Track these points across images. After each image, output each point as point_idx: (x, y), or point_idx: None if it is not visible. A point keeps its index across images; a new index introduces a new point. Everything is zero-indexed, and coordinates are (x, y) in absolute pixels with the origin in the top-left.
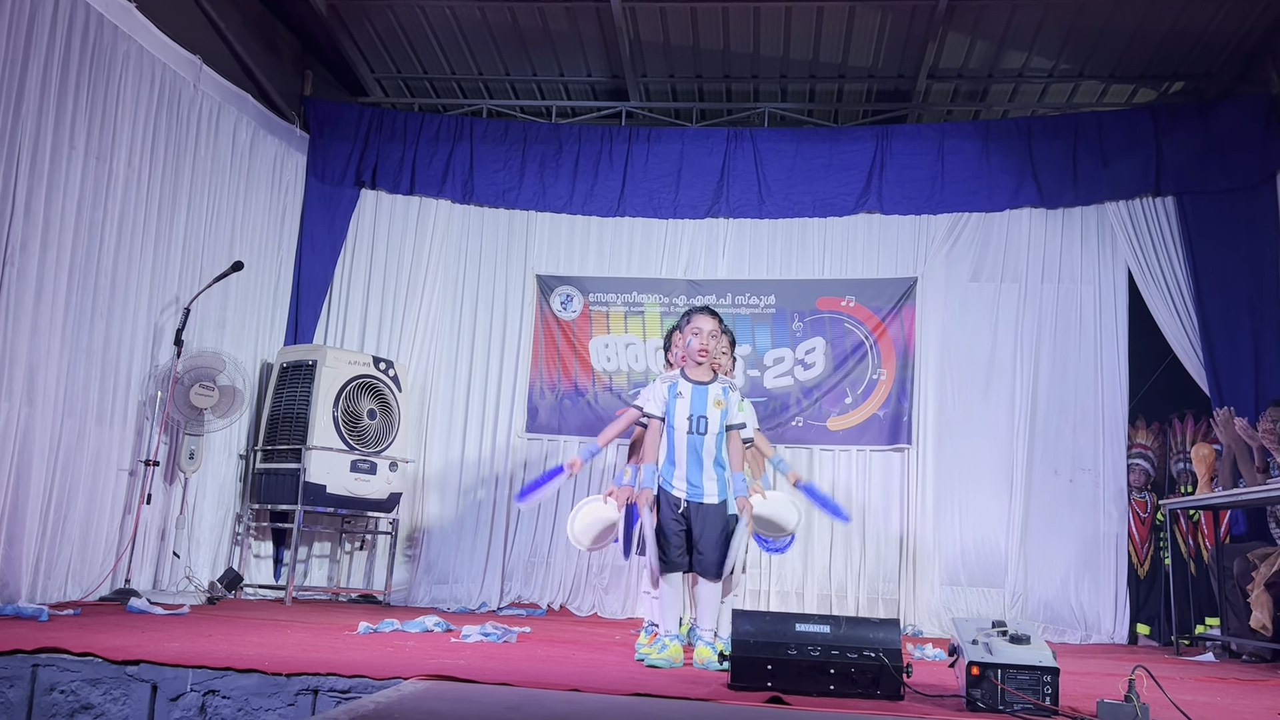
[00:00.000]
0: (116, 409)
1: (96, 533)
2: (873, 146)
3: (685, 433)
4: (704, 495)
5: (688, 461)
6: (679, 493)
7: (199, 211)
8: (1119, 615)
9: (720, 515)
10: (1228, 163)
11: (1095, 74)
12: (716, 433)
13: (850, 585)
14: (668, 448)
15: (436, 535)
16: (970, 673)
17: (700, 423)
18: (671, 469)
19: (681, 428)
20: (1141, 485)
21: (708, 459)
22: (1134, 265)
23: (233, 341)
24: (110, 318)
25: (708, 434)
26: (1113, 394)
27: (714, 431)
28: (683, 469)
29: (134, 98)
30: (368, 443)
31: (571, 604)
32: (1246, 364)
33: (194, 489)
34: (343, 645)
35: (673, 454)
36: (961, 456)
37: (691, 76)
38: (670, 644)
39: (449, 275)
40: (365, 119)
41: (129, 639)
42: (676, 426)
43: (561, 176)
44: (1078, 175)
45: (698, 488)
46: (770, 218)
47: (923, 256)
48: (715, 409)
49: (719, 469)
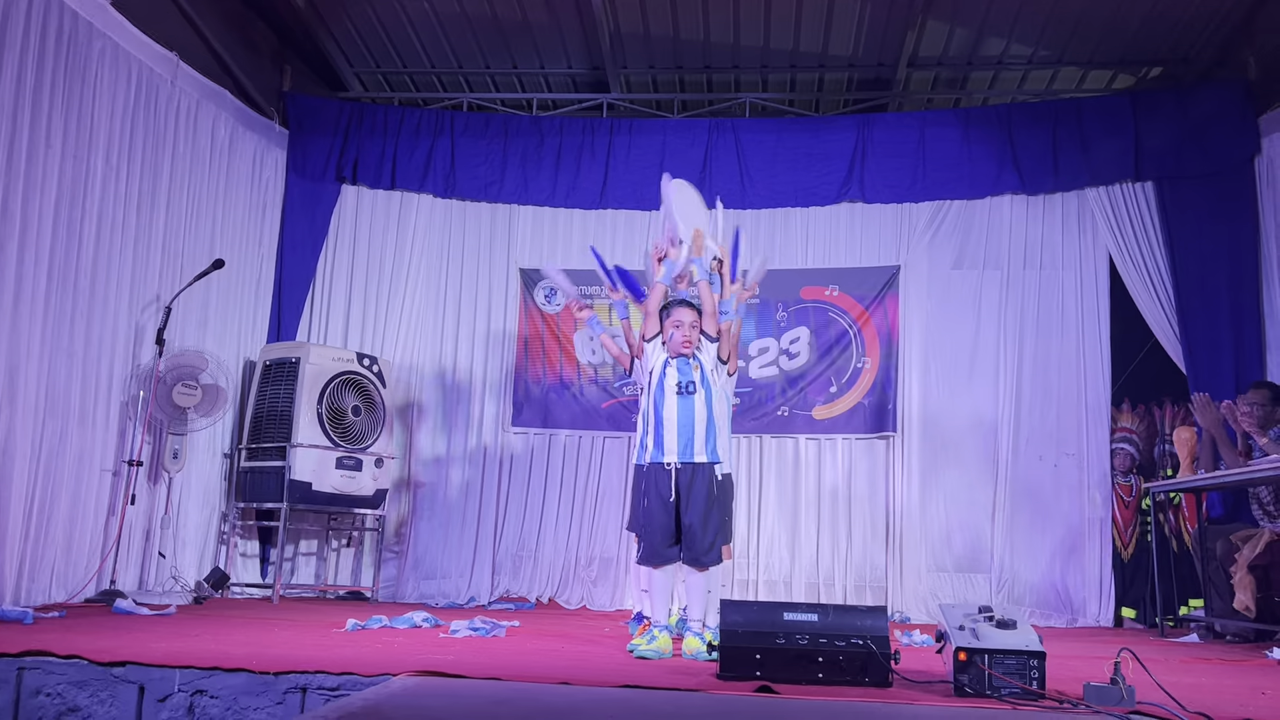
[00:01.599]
0: (99, 409)
1: (81, 534)
2: (854, 135)
3: (675, 394)
4: (694, 453)
5: (679, 421)
6: (669, 456)
7: (179, 209)
8: (1104, 599)
9: (708, 483)
10: (1206, 147)
11: (1074, 60)
12: (704, 396)
13: (838, 573)
14: (655, 413)
15: (423, 531)
16: (957, 658)
17: (689, 385)
18: (661, 434)
19: (671, 390)
20: (1126, 469)
21: (699, 418)
22: (1114, 250)
23: (215, 340)
24: (90, 317)
25: (696, 394)
26: (1095, 379)
27: (701, 391)
28: (673, 429)
29: (110, 95)
30: (352, 439)
31: (560, 597)
32: (1226, 347)
33: (178, 489)
34: (331, 643)
35: (660, 417)
36: (946, 443)
37: (672, 67)
38: (660, 635)
39: (432, 270)
40: (345, 114)
41: (115, 640)
42: (666, 391)
43: (543, 169)
44: (1058, 161)
45: (689, 447)
46: (753, 208)
47: (905, 245)
48: (695, 372)
49: (709, 426)
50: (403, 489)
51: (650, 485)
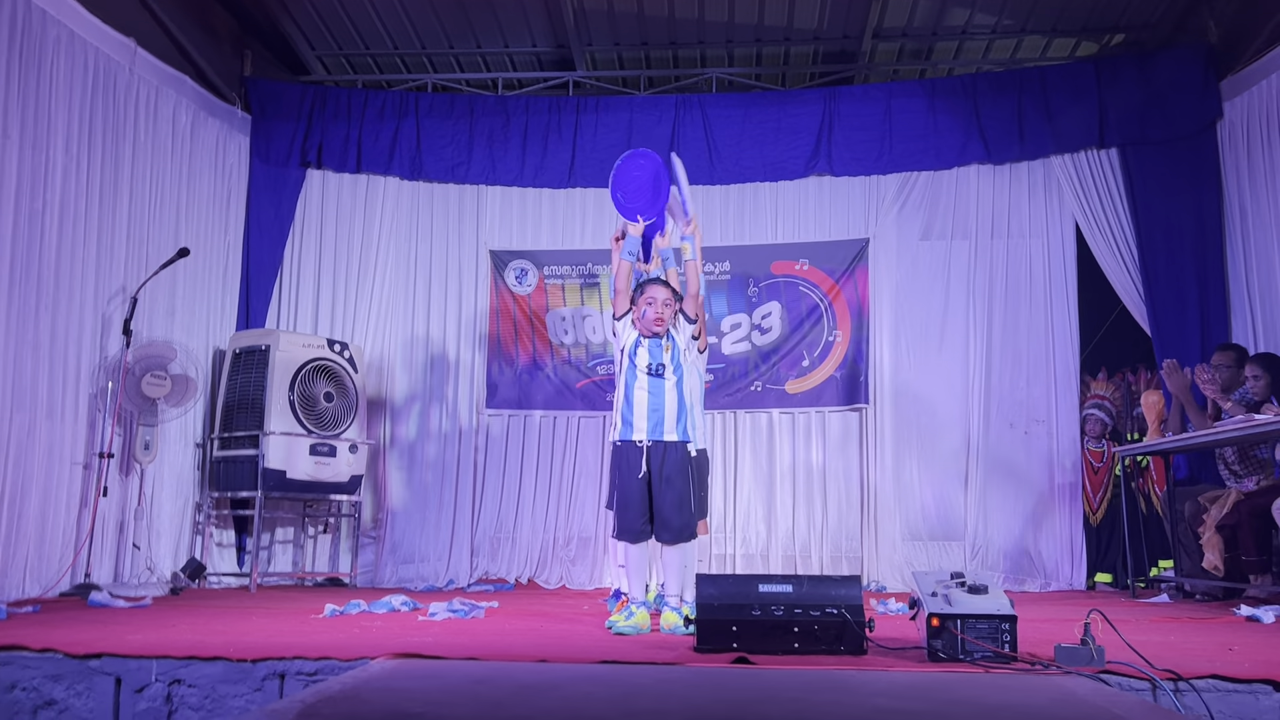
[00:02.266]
0: (67, 402)
1: (53, 528)
2: (821, 109)
3: (646, 374)
4: (664, 433)
5: (649, 402)
6: (640, 435)
7: (141, 198)
8: (1076, 563)
9: (682, 461)
10: (1168, 113)
11: (1038, 29)
12: (674, 376)
13: (813, 545)
14: (626, 393)
15: (400, 515)
16: (930, 624)
17: (659, 368)
18: (630, 414)
19: (642, 370)
20: (1098, 434)
21: (669, 399)
22: (1080, 218)
23: (183, 329)
24: (56, 309)
25: (665, 377)
26: (1064, 346)
27: (671, 375)
28: (643, 409)
29: (68, 83)
30: (326, 425)
31: (539, 577)
32: (1192, 311)
33: (151, 480)
34: (309, 629)
35: (631, 397)
36: (918, 413)
37: (638, 44)
38: (637, 611)
39: (401, 253)
40: (308, 98)
41: (90, 633)
42: (637, 369)
43: (511, 149)
44: (1023, 130)
45: (659, 426)
46: (721, 183)
47: (874, 217)
48: (666, 354)
49: (680, 407)
50: (378, 474)
51: (624, 463)
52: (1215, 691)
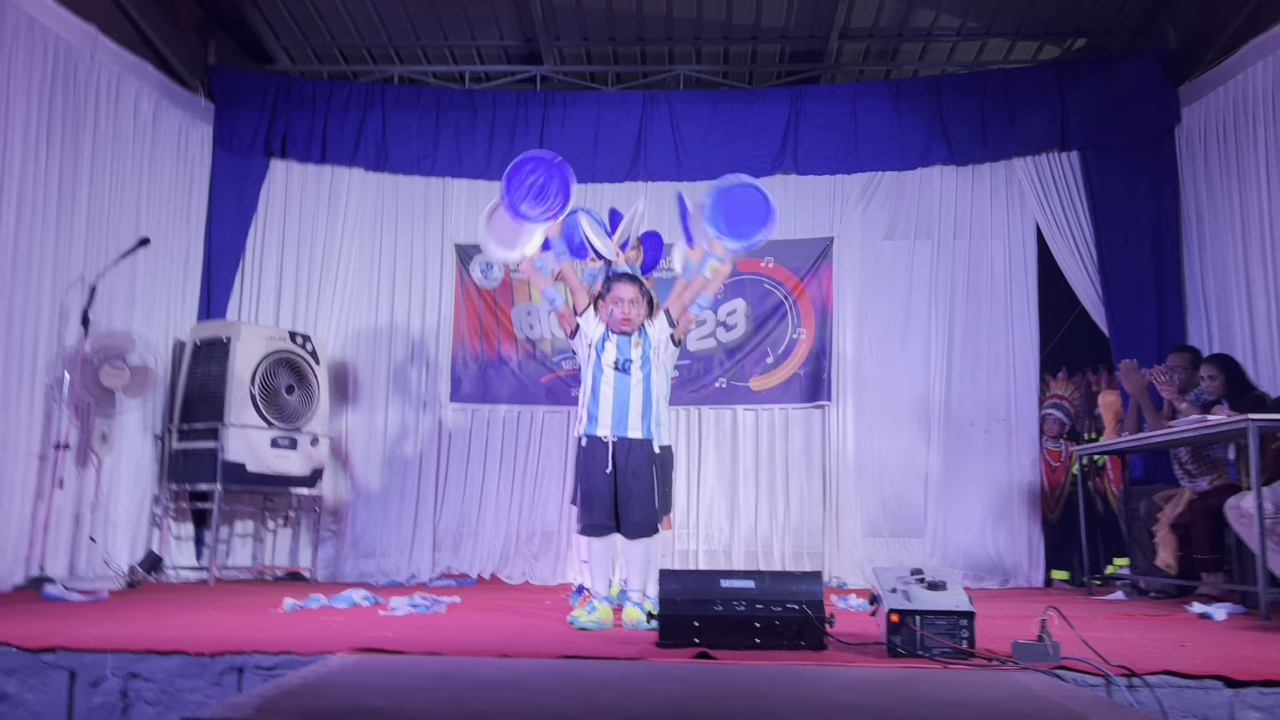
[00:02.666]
0: (23, 392)
1: (6, 520)
2: (787, 107)
3: (612, 369)
4: (628, 429)
5: (614, 399)
6: (604, 430)
7: (102, 186)
8: (1034, 560)
9: (646, 459)
10: (1128, 117)
11: (1001, 31)
12: (641, 373)
13: (775, 541)
14: (592, 388)
15: (362, 509)
16: (890, 620)
17: (625, 364)
18: (595, 409)
19: (608, 365)
20: (1056, 434)
21: (635, 396)
22: (1041, 219)
23: (143, 319)
24: (12, 298)
25: (631, 374)
26: (1024, 346)
27: (638, 372)
28: (609, 405)
29: (27, 70)
30: (287, 418)
31: (502, 572)
32: (1149, 312)
33: (108, 471)
34: (268, 623)
35: (597, 392)
36: (880, 411)
37: (606, 39)
38: (600, 606)
39: (365, 245)
40: (272, 88)
41: (44, 626)
42: (604, 365)
43: (477, 142)
44: (986, 132)
45: (623, 423)
46: (688, 180)
47: (838, 216)
48: (636, 350)
49: (645, 405)
50: (340, 467)
51: (588, 458)
52: (1168, 687)
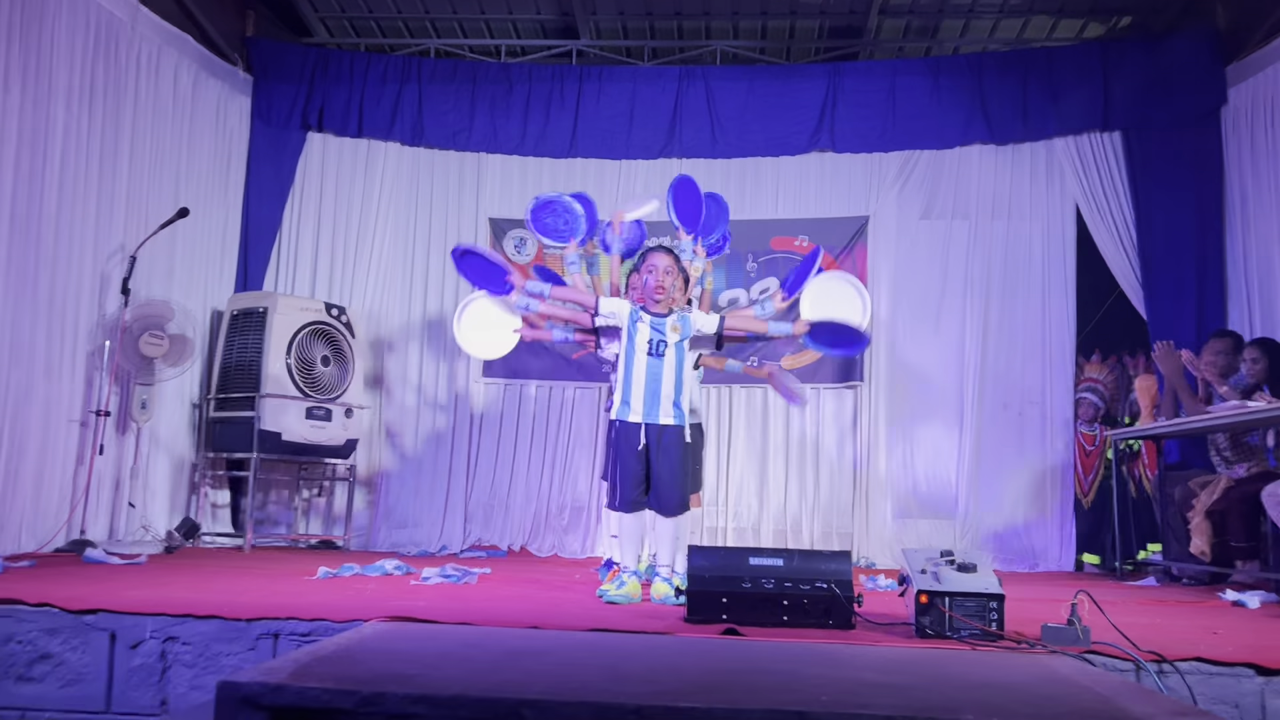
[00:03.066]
0: (65, 360)
1: (49, 484)
2: (825, 84)
3: (645, 354)
4: (660, 416)
5: (646, 384)
6: (635, 417)
7: (142, 157)
8: (1065, 544)
9: (678, 442)
10: (1173, 97)
11: (1045, 9)
12: (675, 357)
13: (805, 520)
14: (625, 373)
15: (395, 480)
16: (919, 601)
17: (659, 345)
18: (628, 394)
19: (641, 349)
20: (1090, 418)
21: (667, 380)
22: (1081, 201)
23: (181, 289)
24: (55, 267)
25: (665, 357)
26: (1060, 329)
27: (671, 355)
28: (640, 390)
29: (69, 41)
30: (322, 390)
31: (532, 545)
32: (1189, 296)
33: (147, 439)
34: (303, 590)
35: (629, 378)
36: (913, 392)
37: (642, 14)
38: (629, 580)
39: (400, 219)
40: (310, 60)
41: (86, 589)
42: (636, 349)
43: (512, 117)
44: (1027, 111)
45: (654, 409)
46: (723, 157)
47: (874, 195)
48: (673, 334)
49: (677, 390)
50: (373, 438)
51: (620, 439)
52: (1198, 674)
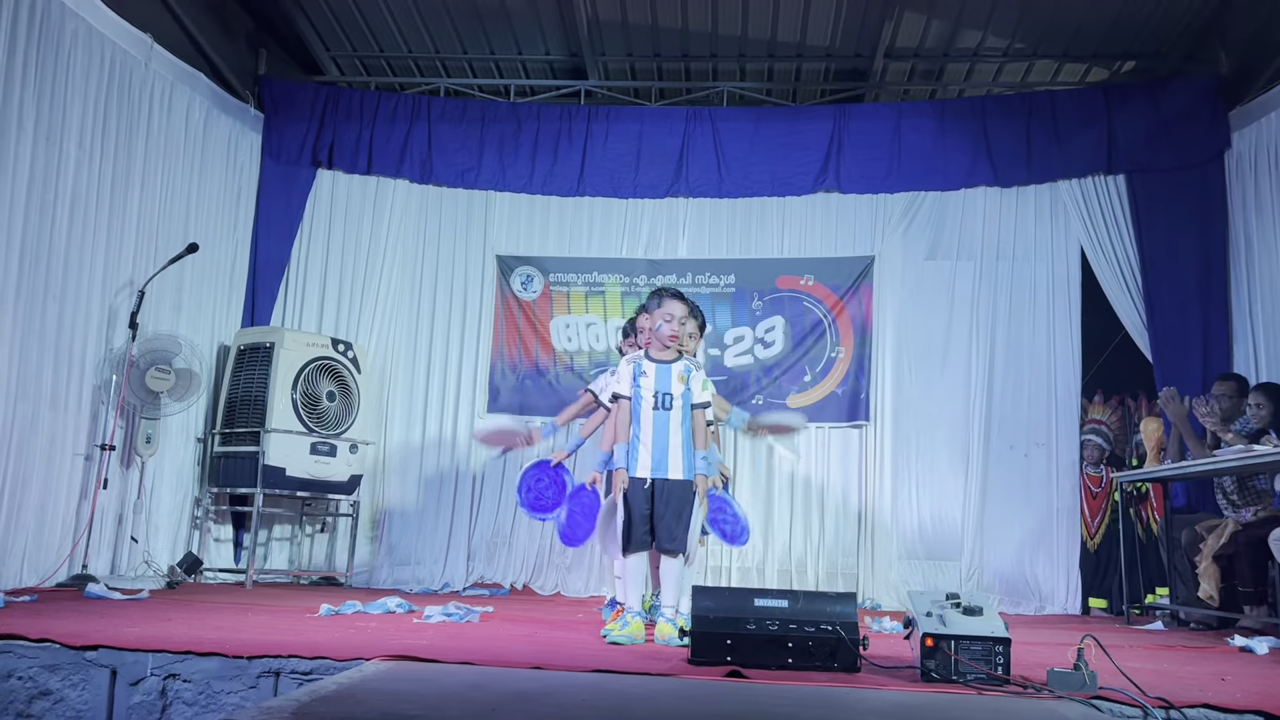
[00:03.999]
0: (71, 393)
1: (52, 518)
2: (830, 126)
3: (651, 409)
4: (669, 471)
5: (654, 438)
6: (643, 472)
7: (152, 192)
8: (1071, 587)
9: (684, 491)
10: (1177, 141)
11: (1049, 53)
12: (681, 409)
13: (810, 560)
14: (633, 426)
15: (398, 517)
16: (924, 644)
17: (665, 399)
18: (637, 447)
19: (648, 403)
20: (1096, 460)
21: (674, 435)
22: (1086, 243)
23: (189, 324)
24: (63, 300)
25: (673, 410)
26: (1066, 370)
27: (678, 407)
28: (648, 447)
29: (84, 77)
30: (327, 425)
31: (535, 583)
32: (1195, 340)
33: (151, 473)
34: (304, 627)
35: (638, 432)
36: (919, 432)
37: (650, 55)
38: (633, 621)
39: (408, 256)
40: (321, 98)
41: (87, 624)
42: (643, 403)
43: (521, 156)
44: (1031, 154)
45: (663, 464)
46: (729, 197)
47: (880, 235)
48: (679, 384)
49: (685, 445)
50: (378, 474)
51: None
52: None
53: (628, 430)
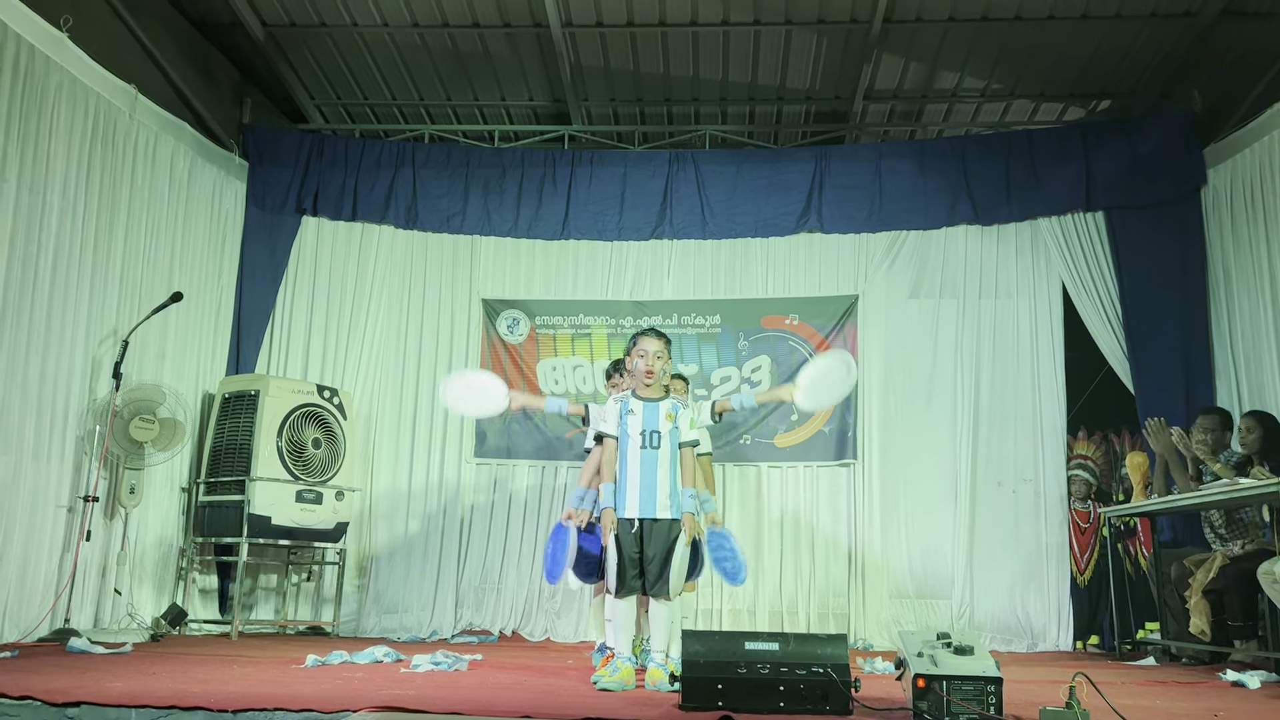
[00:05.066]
0: (54, 444)
1: (34, 572)
2: (812, 167)
3: (639, 448)
4: (657, 510)
5: (641, 478)
6: (631, 512)
7: (137, 242)
8: (1063, 623)
9: (671, 531)
10: (1154, 178)
11: (1026, 93)
12: (669, 447)
13: (801, 601)
14: (620, 466)
15: (385, 564)
16: (916, 685)
17: (653, 437)
18: (625, 487)
19: (635, 443)
20: (1083, 495)
21: (662, 473)
22: (1067, 279)
23: (173, 373)
24: (46, 351)
25: (661, 448)
26: (1051, 405)
27: (666, 446)
28: (635, 486)
29: (68, 128)
30: (313, 472)
31: (524, 629)
32: (1176, 373)
33: (135, 524)
34: (290, 679)
35: (625, 471)
36: (906, 470)
37: (633, 100)
38: (623, 666)
39: (393, 301)
40: (305, 146)
41: (69, 680)
42: (630, 441)
43: (506, 201)
44: (1011, 192)
45: (651, 504)
46: (713, 238)
47: (863, 274)
48: (667, 421)
49: (673, 483)
50: (364, 521)
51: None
52: None
53: (613, 469)
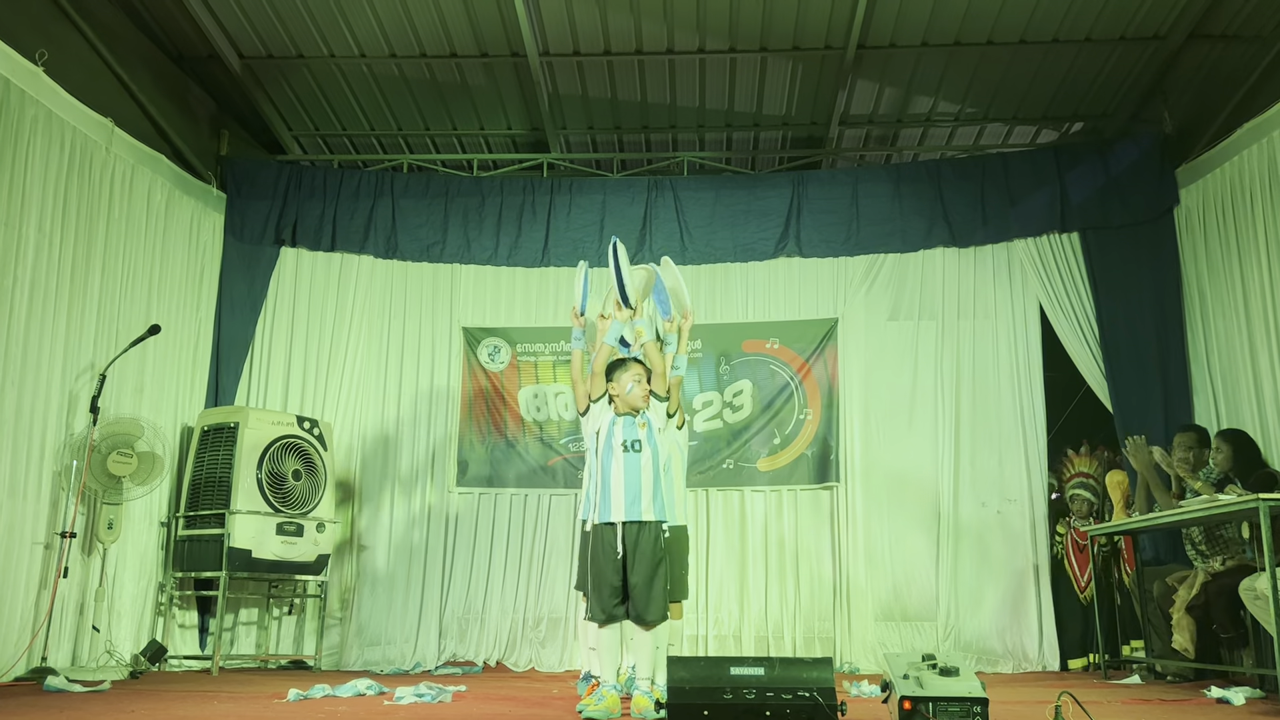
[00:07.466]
0: (30, 480)
1: (10, 610)
2: (789, 192)
3: (623, 451)
4: (641, 513)
5: (626, 480)
6: (616, 515)
7: (114, 275)
8: (1048, 643)
9: (656, 540)
10: (1127, 199)
11: (999, 116)
12: (651, 451)
13: (786, 626)
14: (602, 471)
15: (367, 596)
16: (902, 707)
17: (635, 444)
18: (608, 492)
19: (618, 447)
20: (1085, 514)
21: (645, 477)
22: (1044, 299)
23: (151, 406)
24: (22, 386)
25: (642, 452)
26: (1031, 425)
27: (648, 450)
28: (619, 488)
29: (43, 162)
30: (293, 504)
31: (508, 659)
32: (1154, 391)
33: (114, 559)
34: (272, 715)
35: (608, 474)
36: (890, 492)
37: (611, 127)
38: (608, 695)
39: (374, 331)
40: (284, 177)
41: None
42: (614, 448)
43: (485, 229)
44: (987, 214)
45: (635, 506)
46: (693, 263)
47: (842, 297)
48: (641, 430)
49: (656, 485)
50: (345, 554)
51: (598, 544)
52: None
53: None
